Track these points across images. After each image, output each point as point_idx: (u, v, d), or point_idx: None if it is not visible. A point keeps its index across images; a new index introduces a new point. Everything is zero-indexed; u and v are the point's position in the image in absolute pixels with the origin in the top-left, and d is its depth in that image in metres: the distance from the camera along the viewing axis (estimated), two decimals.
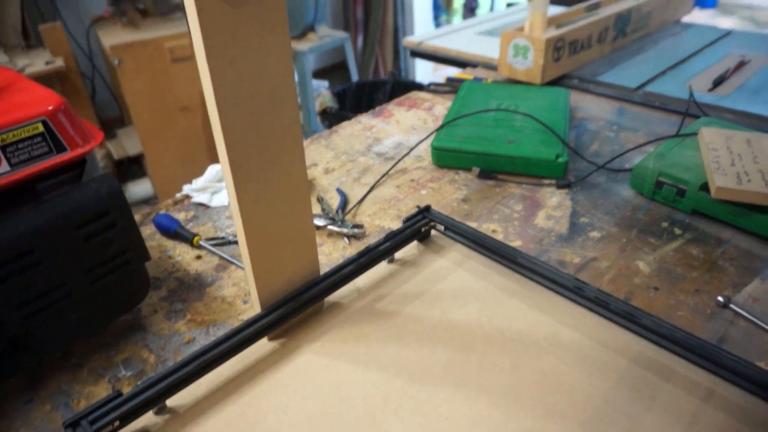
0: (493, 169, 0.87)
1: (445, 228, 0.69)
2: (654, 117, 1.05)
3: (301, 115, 2.48)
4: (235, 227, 0.52)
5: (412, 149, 0.95)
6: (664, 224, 0.75)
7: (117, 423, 0.47)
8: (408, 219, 0.69)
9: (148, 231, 0.80)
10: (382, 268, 0.68)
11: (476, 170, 0.87)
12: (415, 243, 0.71)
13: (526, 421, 0.49)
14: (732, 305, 0.60)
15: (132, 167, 2.80)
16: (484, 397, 0.51)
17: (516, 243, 0.73)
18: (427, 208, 0.70)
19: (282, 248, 0.55)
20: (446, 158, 0.89)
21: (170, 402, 0.52)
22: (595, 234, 0.74)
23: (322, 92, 2.38)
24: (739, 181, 0.68)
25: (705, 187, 0.73)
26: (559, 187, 0.83)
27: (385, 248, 0.64)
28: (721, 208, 0.71)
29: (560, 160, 0.83)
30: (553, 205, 0.80)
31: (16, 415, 0.53)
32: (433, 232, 0.73)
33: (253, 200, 0.50)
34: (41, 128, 0.45)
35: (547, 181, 0.85)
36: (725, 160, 0.73)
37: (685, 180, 0.74)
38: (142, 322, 0.64)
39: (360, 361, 0.56)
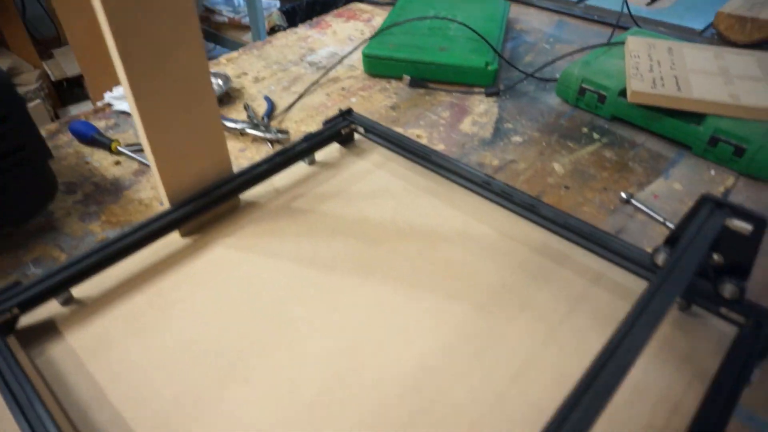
0: (425, 77, 0.86)
1: (366, 130, 0.69)
2: (592, 30, 1.05)
3: (251, 34, 2.38)
4: (134, 122, 0.51)
5: (344, 57, 0.93)
6: (585, 129, 0.76)
7: (16, 310, 0.47)
8: (328, 121, 0.68)
9: (65, 138, 0.77)
10: (302, 169, 0.68)
11: (407, 78, 0.86)
12: (337, 147, 0.71)
13: (426, 303, 0.51)
14: (633, 201, 0.63)
15: (74, 90, 2.66)
16: (389, 283, 0.53)
17: (439, 147, 0.73)
18: (349, 111, 0.70)
19: (187, 144, 0.54)
20: (377, 66, 0.88)
21: (77, 293, 0.52)
22: (517, 138, 0.75)
23: (272, 11, 2.27)
24: (654, 86, 0.70)
25: (624, 93, 0.74)
26: (488, 95, 0.84)
27: (302, 148, 0.64)
28: (636, 112, 0.73)
29: (490, 67, 0.83)
30: (480, 112, 0.80)
31: None
32: (357, 136, 0.72)
33: (148, 93, 0.48)
34: None
35: (477, 90, 0.85)
36: (644, 66, 0.74)
37: (606, 86, 0.75)
38: (54, 224, 0.63)
39: (272, 254, 0.56)
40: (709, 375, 0.44)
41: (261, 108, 0.83)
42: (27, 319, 0.50)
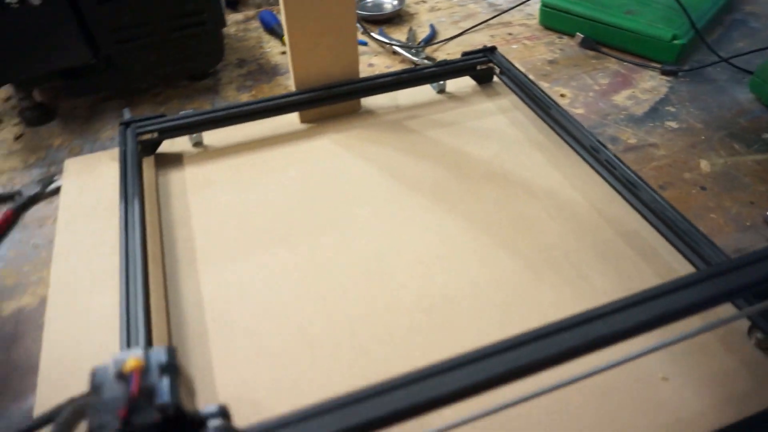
0: (600, 39, 0.79)
1: (501, 71, 0.67)
2: None
3: None
4: (280, 11, 0.57)
5: (522, 3, 0.89)
6: (766, 135, 0.64)
7: (156, 134, 0.58)
8: (467, 53, 0.68)
9: (254, 24, 0.89)
10: (430, 94, 0.69)
11: (579, 37, 0.80)
12: (472, 83, 0.70)
13: (478, 244, 0.50)
14: None
15: None
16: (453, 216, 0.53)
17: (578, 111, 0.68)
18: (492, 49, 0.68)
19: (321, 40, 0.59)
20: (553, 18, 0.83)
21: (207, 140, 0.62)
22: (672, 124, 0.66)
23: None
24: None
25: None
26: (664, 72, 0.74)
27: (431, 72, 0.65)
28: None
29: (676, 41, 0.73)
30: (645, 88, 0.72)
31: (108, 122, 0.69)
32: (496, 79, 0.71)
33: None
34: None
35: (654, 65, 0.75)
36: None
37: None
38: (217, 87, 0.75)
39: (366, 158, 0.60)
40: None
41: (424, 35, 0.85)
42: (167, 148, 0.61)
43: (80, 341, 0.44)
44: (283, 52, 0.82)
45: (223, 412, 0.25)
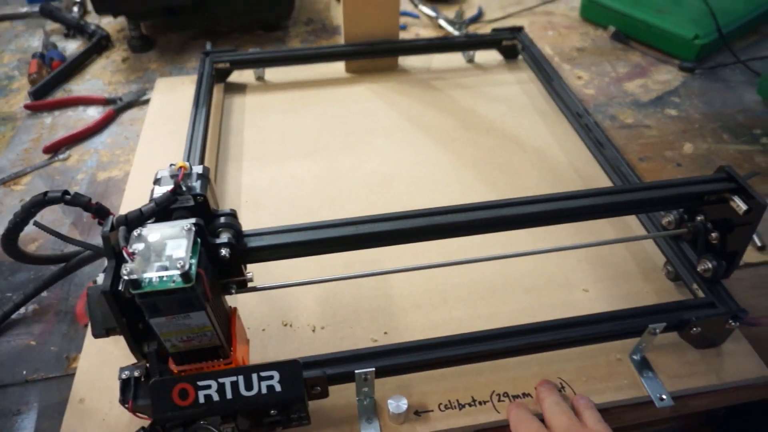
0: (629, 34, 0.86)
1: (522, 48, 0.76)
2: None
3: None
4: None
5: None
6: (757, 131, 0.70)
7: (228, 64, 0.72)
8: (496, 29, 0.78)
9: None
10: (459, 62, 0.80)
11: (611, 30, 0.87)
12: (500, 57, 0.80)
13: (466, 178, 0.61)
14: None
15: None
16: (451, 155, 0.64)
17: (589, 91, 0.76)
18: (518, 29, 0.77)
19: (370, 2, 0.71)
20: (593, 11, 0.90)
21: (268, 76, 0.76)
22: (671, 112, 0.73)
23: None
24: None
25: None
26: (681, 68, 0.80)
27: (460, 41, 0.76)
28: None
29: (697, 41, 0.79)
30: (658, 80, 0.79)
31: (193, 56, 0.84)
32: (521, 57, 0.80)
33: None
34: None
35: (675, 61, 0.82)
36: None
37: None
38: (285, 39, 0.88)
39: (391, 103, 0.72)
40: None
41: (471, 14, 0.94)
42: (235, 78, 0.76)
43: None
44: None
45: (233, 213, 0.38)
